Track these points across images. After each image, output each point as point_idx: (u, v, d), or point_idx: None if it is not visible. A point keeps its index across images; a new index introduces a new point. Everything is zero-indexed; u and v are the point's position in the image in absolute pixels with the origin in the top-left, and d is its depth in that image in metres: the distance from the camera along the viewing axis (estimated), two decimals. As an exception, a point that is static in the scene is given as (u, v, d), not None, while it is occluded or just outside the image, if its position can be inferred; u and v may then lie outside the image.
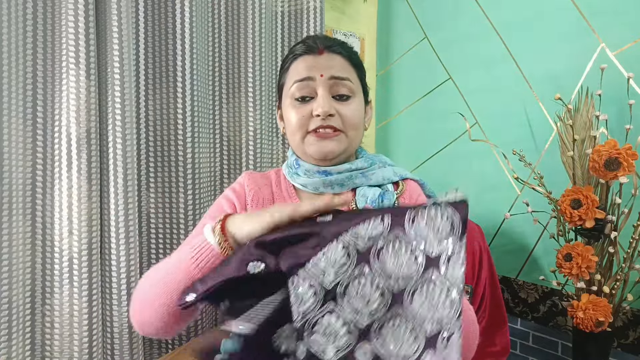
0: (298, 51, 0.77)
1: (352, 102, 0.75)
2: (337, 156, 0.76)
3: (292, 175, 0.81)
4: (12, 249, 0.94)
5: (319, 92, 0.74)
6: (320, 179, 0.77)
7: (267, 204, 0.81)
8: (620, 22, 1.22)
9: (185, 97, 1.18)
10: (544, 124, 1.38)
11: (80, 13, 0.97)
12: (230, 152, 1.37)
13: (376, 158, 0.84)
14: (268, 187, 0.83)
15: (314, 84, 0.74)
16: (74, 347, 0.99)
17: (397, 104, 1.82)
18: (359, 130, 0.78)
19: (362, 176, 0.79)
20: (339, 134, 0.74)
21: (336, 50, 0.76)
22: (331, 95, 0.74)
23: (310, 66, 0.74)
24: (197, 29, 1.20)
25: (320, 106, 0.72)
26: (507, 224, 1.48)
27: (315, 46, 0.75)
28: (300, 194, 0.82)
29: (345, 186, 0.78)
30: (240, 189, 0.81)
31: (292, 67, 0.77)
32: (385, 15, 1.84)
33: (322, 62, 0.74)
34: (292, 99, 0.76)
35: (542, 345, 1.41)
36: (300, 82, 0.74)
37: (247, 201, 0.79)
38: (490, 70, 1.50)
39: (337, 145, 0.74)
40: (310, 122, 0.74)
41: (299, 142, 0.76)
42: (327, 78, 0.74)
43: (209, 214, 0.80)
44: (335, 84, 0.74)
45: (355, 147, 0.80)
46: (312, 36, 0.79)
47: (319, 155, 0.75)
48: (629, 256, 1.07)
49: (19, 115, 0.96)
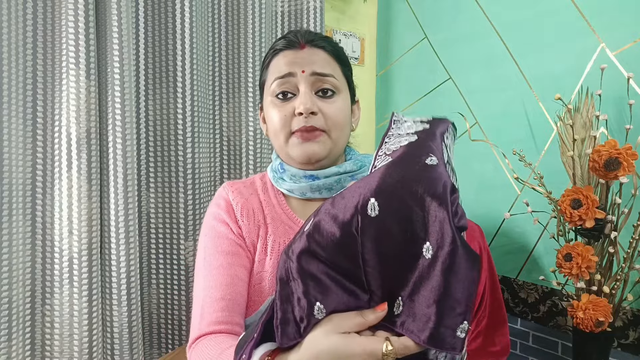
0: (279, 46, 0.73)
1: (336, 100, 0.71)
2: (322, 159, 0.72)
3: (277, 180, 0.77)
4: (12, 249, 0.94)
5: (300, 88, 0.70)
6: (308, 184, 0.73)
7: (258, 214, 0.76)
8: (620, 22, 1.22)
9: (185, 97, 1.18)
10: (544, 124, 1.38)
11: (80, 13, 0.97)
12: (230, 152, 1.37)
13: (366, 159, 0.80)
14: (255, 195, 0.79)
15: (295, 80, 0.70)
16: (74, 347, 0.99)
17: (397, 104, 1.82)
18: (344, 131, 0.74)
19: (351, 179, 0.74)
20: (322, 135, 0.70)
21: (319, 45, 0.72)
22: (314, 92, 0.70)
23: (291, 62, 0.70)
24: (197, 29, 1.20)
25: (302, 103, 0.68)
26: (507, 224, 1.48)
27: (297, 40, 0.71)
28: (290, 200, 0.78)
29: (334, 190, 0.74)
30: (226, 204, 0.77)
31: (273, 63, 0.73)
32: (385, 15, 1.84)
33: (303, 56, 0.70)
34: (273, 96, 0.72)
35: (542, 345, 1.41)
36: (280, 78, 0.70)
37: (237, 216, 0.75)
38: (490, 70, 1.50)
39: (321, 147, 0.70)
40: (293, 121, 0.70)
41: (282, 144, 0.72)
42: (308, 74, 0.69)
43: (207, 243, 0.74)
44: (318, 80, 0.70)
45: (341, 148, 0.76)
46: (293, 30, 0.75)
47: (302, 159, 0.71)
48: (629, 256, 1.07)
49: (19, 115, 0.96)
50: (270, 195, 0.79)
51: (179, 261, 1.21)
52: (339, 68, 0.74)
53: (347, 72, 0.76)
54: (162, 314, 1.22)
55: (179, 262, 1.21)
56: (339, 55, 0.75)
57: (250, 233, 0.74)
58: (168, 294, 1.21)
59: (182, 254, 1.20)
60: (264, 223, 0.76)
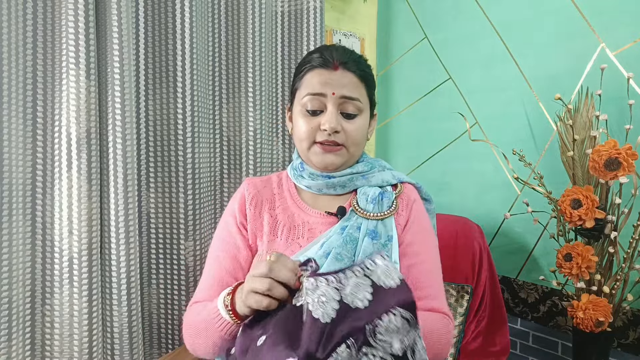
0: (315, 62, 0.80)
1: (357, 120, 0.81)
2: (338, 168, 0.82)
3: (297, 177, 0.87)
4: (12, 249, 0.94)
5: (328, 107, 0.79)
6: (324, 181, 0.82)
7: (267, 204, 0.86)
8: (620, 22, 1.22)
9: (185, 97, 1.18)
10: (544, 124, 1.38)
11: (80, 13, 0.97)
12: (230, 152, 1.37)
13: (376, 162, 0.89)
14: (268, 189, 0.89)
15: (324, 100, 0.79)
16: (74, 347, 0.99)
17: (397, 104, 1.82)
18: (360, 146, 0.83)
19: (362, 178, 0.84)
20: (341, 149, 0.80)
21: (350, 68, 0.80)
22: (339, 112, 0.80)
23: (324, 82, 0.78)
24: (197, 29, 1.20)
25: (328, 122, 0.77)
26: (507, 224, 1.48)
27: (331, 61, 0.79)
28: (302, 194, 0.87)
29: (347, 187, 0.83)
30: (241, 197, 0.87)
31: (307, 77, 0.81)
32: (385, 15, 1.84)
33: (335, 79, 0.79)
34: (304, 108, 0.81)
35: (542, 345, 1.41)
36: (312, 95, 0.79)
37: (246, 206, 0.85)
38: (490, 70, 1.50)
39: (339, 159, 0.81)
40: (317, 134, 0.79)
41: (305, 149, 0.82)
42: (338, 97, 0.78)
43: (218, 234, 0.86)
44: (345, 103, 0.79)
45: (356, 159, 0.86)
46: (330, 47, 0.83)
47: (321, 166, 0.81)
48: (629, 256, 1.07)
49: (19, 115, 0.96)
50: (283, 189, 0.89)
51: (179, 261, 1.21)
52: (364, 90, 0.82)
53: (371, 92, 0.85)
54: (162, 314, 1.22)
55: (179, 262, 1.21)
56: (367, 79, 0.83)
57: (255, 221, 0.84)
58: (168, 294, 1.21)
59: (182, 254, 1.20)
60: (273, 211, 0.86)
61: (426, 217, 0.86)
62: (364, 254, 0.75)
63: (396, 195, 0.83)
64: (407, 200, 0.84)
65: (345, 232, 0.77)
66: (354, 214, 0.79)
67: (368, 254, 0.73)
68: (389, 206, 0.80)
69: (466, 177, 1.59)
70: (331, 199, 0.85)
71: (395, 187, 0.85)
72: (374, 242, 0.76)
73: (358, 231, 0.77)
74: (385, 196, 0.82)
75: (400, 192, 0.84)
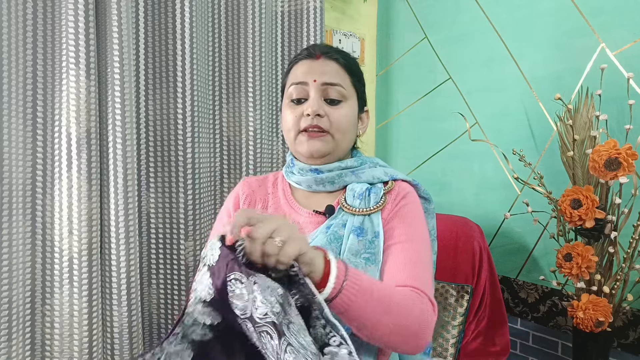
0: (300, 56, 0.84)
1: (342, 107, 0.81)
2: (325, 155, 0.81)
3: (288, 174, 0.87)
4: (12, 249, 0.94)
5: (311, 94, 0.80)
6: (313, 177, 0.83)
7: (261, 202, 0.88)
8: (620, 22, 1.22)
9: (185, 97, 1.18)
10: (544, 124, 1.38)
11: (80, 13, 0.97)
12: (230, 152, 1.37)
13: (368, 159, 0.88)
14: (263, 187, 0.90)
15: (307, 88, 0.80)
16: (74, 347, 0.99)
17: (397, 104, 1.82)
18: (347, 135, 0.83)
19: (352, 174, 0.83)
20: (326, 135, 0.80)
21: (332, 57, 0.82)
22: (323, 99, 0.81)
23: (306, 71, 0.81)
24: (197, 29, 1.20)
25: (310, 106, 0.79)
26: (507, 224, 1.48)
27: (314, 52, 0.82)
28: (296, 194, 0.88)
29: (336, 184, 0.83)
30: (235, 195, 0.89)
31: (292, 70, 0.84)
32: (385, 15, 1.84)
33: (317, 67, 0.81)
34: (289, 99, 0.83)
35: (542, 345, 1.41)
36: (296, 85, 0.81)
37: (240, 205, 0.87)
38: (490, 70, 1.50)
39: (323, 145, 0.80)
40: (302, 121, 0.80)
41: (292, 140, 0.82)
42: (319, 83, 0.80)
43: (214, 232, 0.88)
44: (327, 89, 0.80)
45: (345, 149, 0.85)
46: (315, 44, 0.87)
47: (307, 154, 0.81)
48: (629, 256, 1.07)
49: (19, 115, 0.96)
50: (278, 188, 0.89)
51: (179, 261, 1.21)
52: (348, 79, 0.83)
53: (357, 83, 0.85)
54: (162, 314, 1.22)
55: (179, 262, 1.21)
56: (350, 68, 0.84)
57: None
58: (168, 294, 1.22)
59: (182, 254, 1.21)
60: (266, 210, 0.87)
61: (418, 208, 0.83)
62: (349, 251, 0.74)
63: (385, 191, 0.82)
64: (395, 195, 0.82)
65: (330, 230, 0.76)
66: (341, 211, 0.79)
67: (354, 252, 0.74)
68: (377, 202, 0.79)
69: (466, 177, 1.59)
70: (323, 197, 0.84)
71: (387, 184, 0.84)
72: (360, 239, 0.75)
73: (343, 228, 0.76)
74: (373, 191, 0.81)
75: (390, 188, 0.83)
